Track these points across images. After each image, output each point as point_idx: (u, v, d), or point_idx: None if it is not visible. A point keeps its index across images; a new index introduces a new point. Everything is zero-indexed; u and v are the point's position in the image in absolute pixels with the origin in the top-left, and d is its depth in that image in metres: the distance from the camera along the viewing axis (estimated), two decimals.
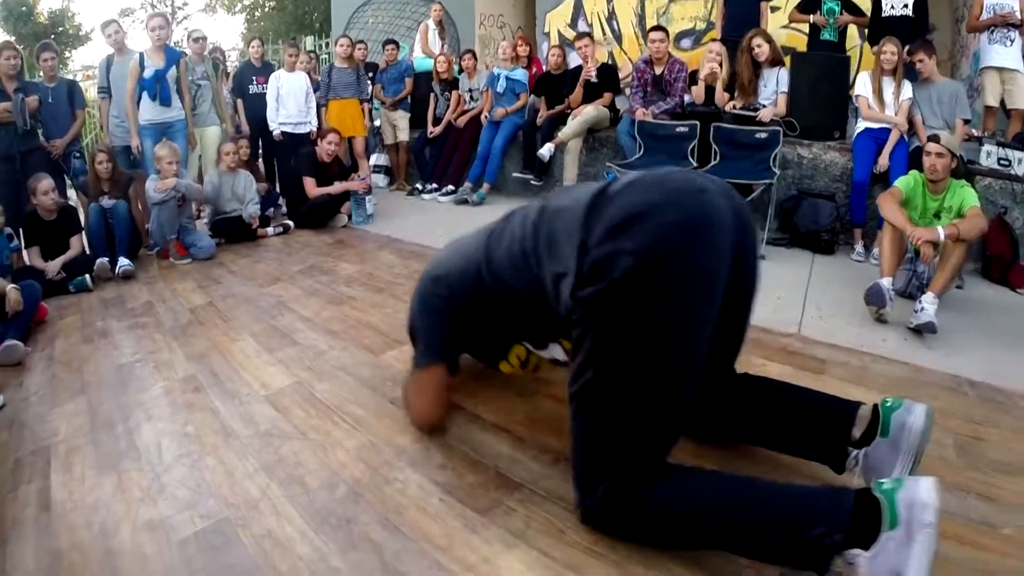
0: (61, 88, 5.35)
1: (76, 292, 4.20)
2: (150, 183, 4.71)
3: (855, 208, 4.47)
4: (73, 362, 3.04)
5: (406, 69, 7.23)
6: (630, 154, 5.39)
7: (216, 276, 4.27)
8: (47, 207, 4.36)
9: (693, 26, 8.15)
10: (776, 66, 5.11)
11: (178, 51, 5.37)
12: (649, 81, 5.54)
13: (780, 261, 4.14)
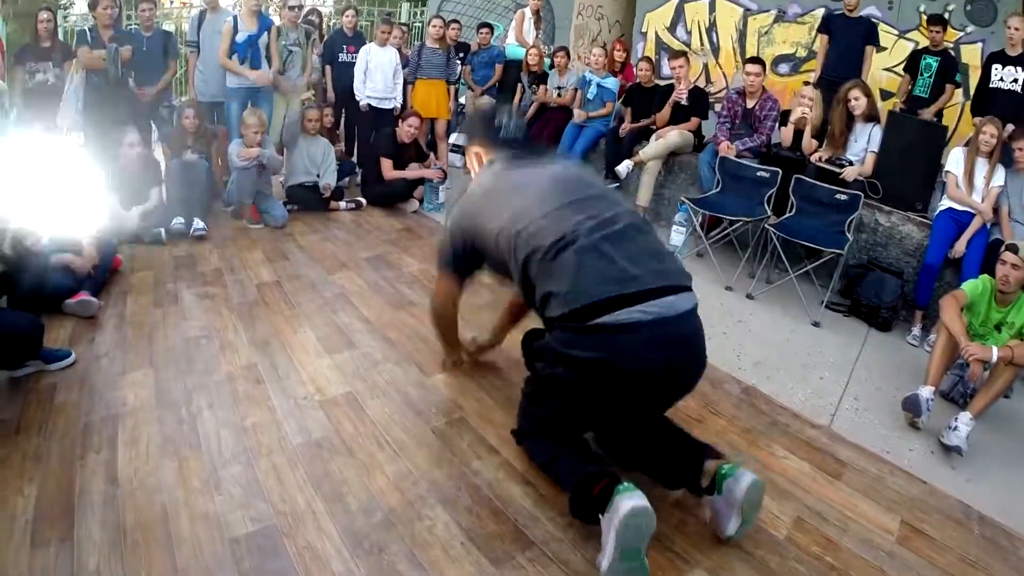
0: (156, 38, 5.72)
1: (150, 243, 4.56)
2: (234, 147, 5.04)
3: (921, 289, 4.47)
4: (144, 326, 3.38)
5: (497, 55, 7.45)
6: (707, 186, 5.50)
7: (285, 250, 4.59)
8: (131, 159, 4.71)
9: (794, 51, 8.21)
10: (871, 122, 5.09)
11: (270, 19, 5.69)
12: (739, 113, 5.59)
13: (834, 330, 4.24)
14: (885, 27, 7.39)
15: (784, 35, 8.25)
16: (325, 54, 6.77)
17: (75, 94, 5.18)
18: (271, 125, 5.69)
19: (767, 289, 4.68)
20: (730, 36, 8.69)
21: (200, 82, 5.89)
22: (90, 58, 5.16)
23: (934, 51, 6.12)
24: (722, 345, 3.73)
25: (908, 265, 4.77)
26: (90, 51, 5.16)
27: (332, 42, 6.84)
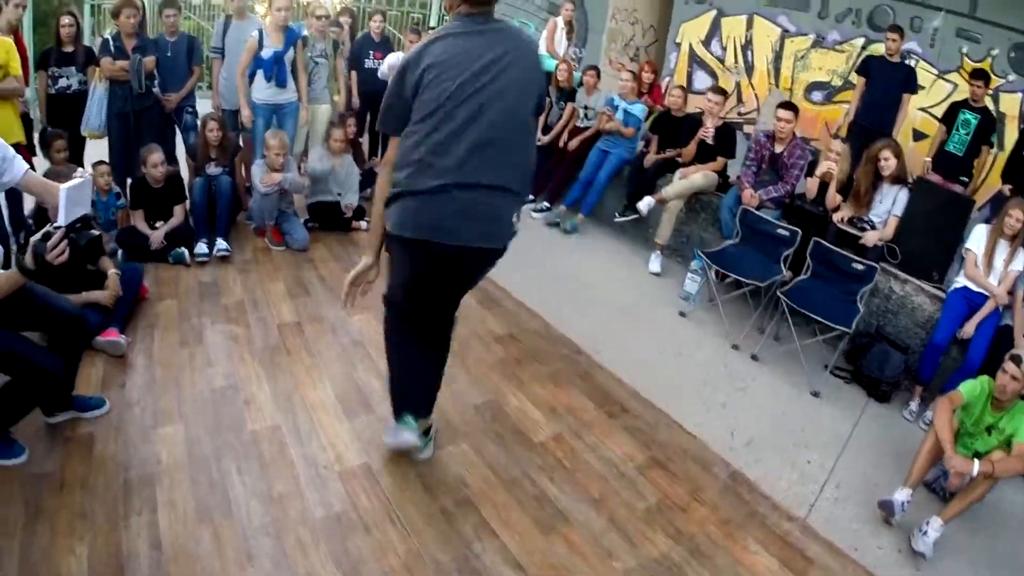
0: (181, 43, 6.01)
1: (174, 263, 4.97)
2: (257, 170, 5.39)
3: (925, 365, 4.67)
4: (172, 367, 3.77)
5: None
6: (727, 231, 5.81)
7: (306, 281, 5.00)
8: (156, 178, 5.07)
9: (829, 80, 8.40)
10: (898, 184, 5.24)
11: (297, 32, 5.89)
12: (766, 158, 5.80)
13: (833, 400, 4.56)
14: (924, 65, 7.54)
15: (821, 61, 8.43)
16: (351, 59, 7.03)
17: (99, 104, 5.51)
18: (295, 137, 6.00)
19: (773, 348, 4.99)
20: (765, 56, 8.87)
21: (224, 89, 6.20)
22: (113, 69, 5.44)
23: (974, 107, 6.24)
24: (719, 419, 4.07)
25: (916, 337, 5.00)
26: (113, 62, 5.44)
27: (359, 47, 7.12)
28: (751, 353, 4.89)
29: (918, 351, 4.89)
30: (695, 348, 4.88)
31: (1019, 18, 7.08)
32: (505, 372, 4.10)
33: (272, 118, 5.84)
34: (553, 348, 4.48)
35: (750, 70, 9.05)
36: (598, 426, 3.74)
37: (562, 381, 4.10)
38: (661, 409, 4.02)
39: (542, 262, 5.89)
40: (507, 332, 4.58)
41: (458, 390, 3.83)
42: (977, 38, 7.38)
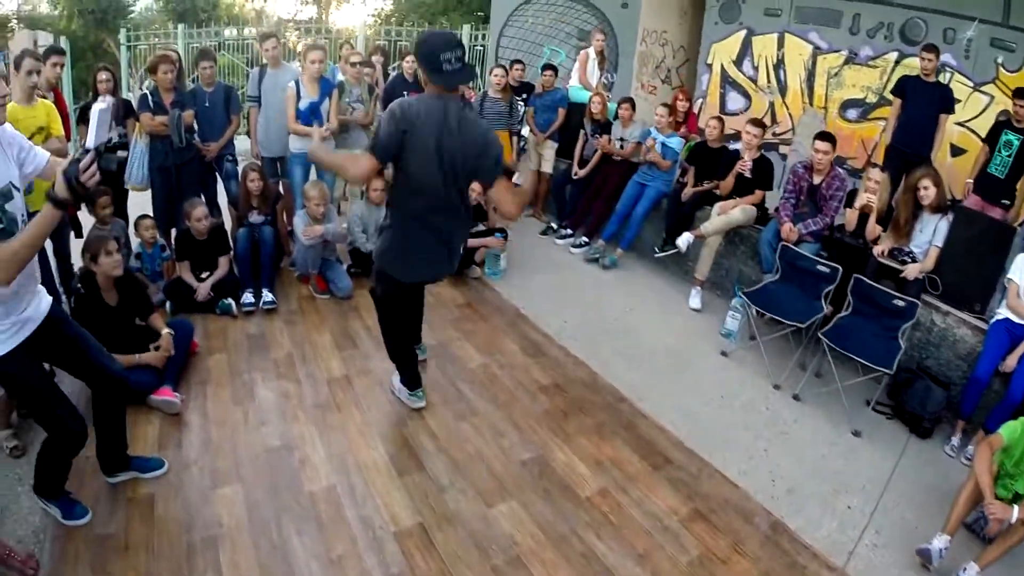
0: (218, 93, 6.23)
1: (221, 314, 5.25)
2: (299, 221, 5.61)
3: (966, 400, 4.70)
4: (226, 426, 4.00)
5: (560, 99, 7.90)
6: (767, 265, 5.92)
7: (352, 331, 5.23)
8: (200, 231, 5.32)
9: (864, 96, 8.41)
10: (938, 213, 5.25)
11: (332, 82, 6.14)
12: (804, 190, 5.87)
13: (873, 439, 4.62)
14: (959, 78, 7.55)
15: (854, 78, 8.45)
16: (385, 100, 7.19)
17: (141, 158, 5.79)
18: (334, 184, 6.23)
19: (815, 385, 5.06)
20: (798, 75, 8.90)
21: (262, 137, 6.45)
22: (152, 124, 5.70)
23: (1018, 127, 6.16)
24: (761, 465, 4.18)
25: (958, 369, 5.05)
26: (152, 117, 5.69)
27: (392, 88, 7.34)
28: (793, 393, 4.97)
29: (959, 384, 4.94)
30: (737, 391, 4.97)
31: None
32: (551, 425, 4.25)
33: (311, 166, 6.10)
34: (598, 398, 4.63)
35: (783, 89, 9.09)
36: (643, 479, 3.87)
37: (607, 433, 4.25)
38: (704, 459, 4.13)
39: (583, 300, 6.08)
40: (552, 382, 4.74)
41: (507, 446, 4.02)
42: (1012, 47, 7.36)
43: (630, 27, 10.26)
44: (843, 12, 8.43)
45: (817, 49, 8.72)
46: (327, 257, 5.84)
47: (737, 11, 9.35)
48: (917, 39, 7.81)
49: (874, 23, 8.21)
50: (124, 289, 4.23)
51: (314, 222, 5.57)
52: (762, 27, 9.14)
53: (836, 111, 8.67)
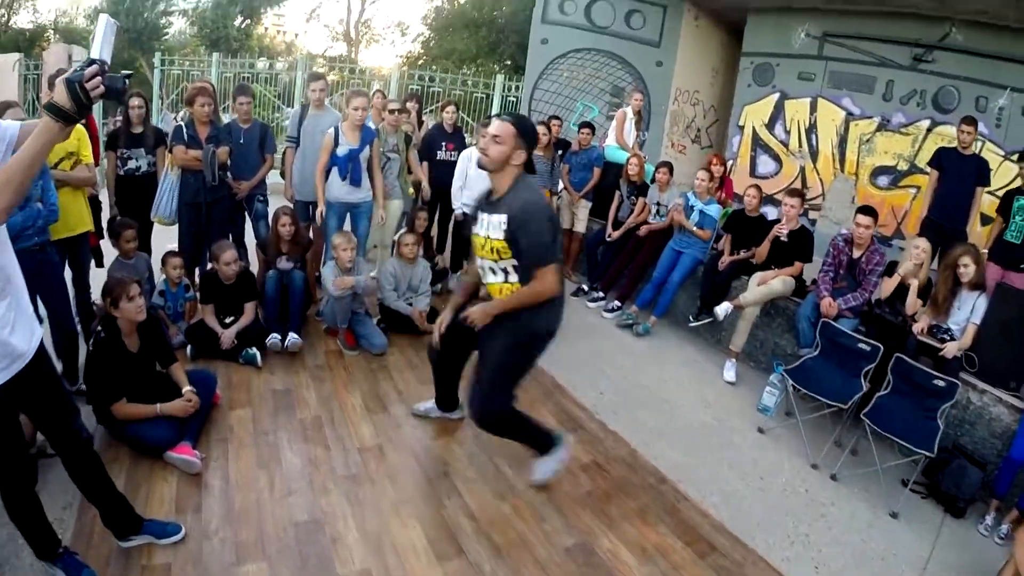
0: (254, 130, 6.02)
1: (245, 363, 4.96)
2: (328, 272, 5.37)
3: (1001, 480, 4.60)
4: (250, 491, 3.68)
5: (596, 157, 7.72)
6: (804, 340, 5.72)
7: (383, 394, 4.91)
8: (228, 276, 5.06)
9: (895, 164, 8.34)
10: (976, 290, 5.19)
11: (373, 132, 5.90)
12: (843, 263, 5.73)
13: (910, 520, 4.44)
14: (991, 147, 7.49)
15: (886, 145, 8.38)
16: (423, 151, 7.02)
17: (171, 191, 5.55)
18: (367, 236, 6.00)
19: (852, 464, 4.87)
20: (830, 140, 8.84)
21: (298, 180, 6.17)
22: (186, 158, 5.46)
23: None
24: (803, 551, 3.96)
25: (992, 448, 4.94)
26: (186, 151, 5.46)
27: (431, 139, 7.11)
28: (830, 473, 4.77)
29: (994, 462, 4.83)
30: (776, 471, 4.75)
31: None
32: (594, 508, 3.96)
33: (346, 216, 5.84)
34: (639, 479, 4.36)
35: (814, 154, 9.02)
36: (688, 569, 3.59)
37: (650, 517, 3.97)
38: (748, 545, 3.89)
39: (617, 369, 5.81)
40: (592, 460, 4.46)
41: (550, 531, 3.72)
42: None
43: (662, 85, 10.25)
44: (876, 78, 8.42)
45: (850, 115, 8.69)
46: (356, 310, 5.57)
47: (771, 74, 9.33)
48: (950, 107, 7.82)
49: (907, 90, 8.20)
50: (146, 334, 3.95)
51: (343, 273, 5.32)
52: (795, 91, 9.11)
53: (867, 177, 8.60)
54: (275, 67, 14.73)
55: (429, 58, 22.31)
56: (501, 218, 3.38)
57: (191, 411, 3.96)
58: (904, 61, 8.32)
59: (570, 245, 8.00)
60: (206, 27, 22.33)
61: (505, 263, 3.49)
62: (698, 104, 10.67)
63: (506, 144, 3.35)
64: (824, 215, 8.92)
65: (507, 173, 3.43)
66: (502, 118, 3.44)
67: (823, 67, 8.94)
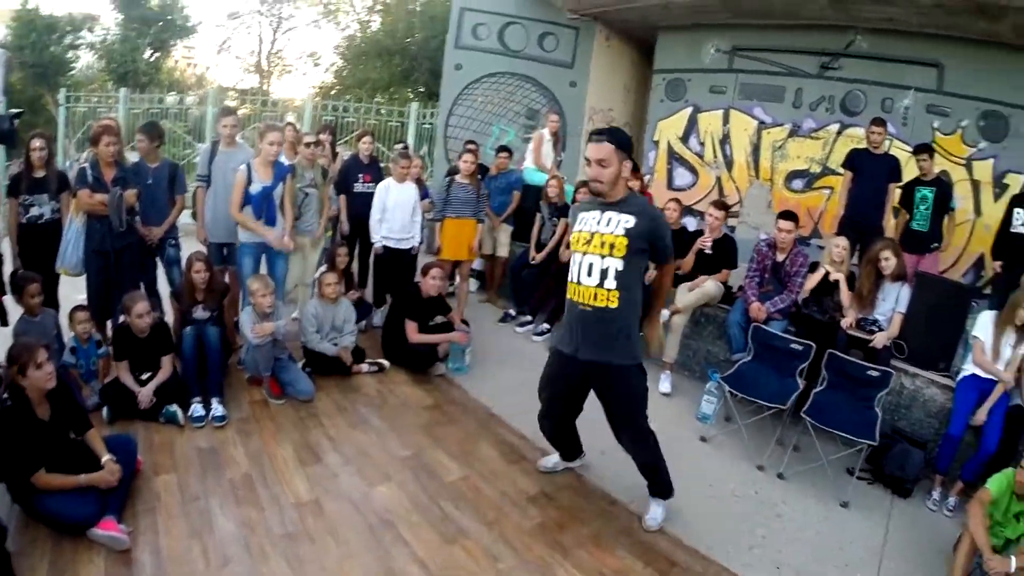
0: (163, 170, 5.63)
1: (166, 423, 4.60)
2: (246, 319, 5.06)
3: (942, 456, 4.77)
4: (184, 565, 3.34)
5: (515, 181, 7.62)
6: (737, 346, 5.74)
7: (315, 443, 4.60)
8: (141, 328, 4.71)
9: (808, 167, 8.54)
10: (899, 281, 5.37)
11: (287, 167, 5.63)
12: (768, 268, 5.80)
13: (861, 508, 4.52)
14: (899, 144, 7.71)
15: (798, 150, 8.57)
16: (339, 183, 6.78)
17: (76, 240, 5.15)
18: (287, 276, 5.75)
19: (796, 461, 4.94)
20: (744, 149, 8.99)
21: (210, 221, 5.80)
22: (91, 203, 5.05)
23: (926, 181, 6.44)
24: (763, 554, 3.93)
25: (930, 427, 5.13)
26: (91, 195, 5.04)
27: (347, 171, 6.87)
28: (777, 472, 4.81)
29: (934, 440, 5.02)
30: (724, 477, 4.72)
31: (985, 88, 7.47)
32: (547, 540, 3.79)
33: (261, 257, 5.54)
34: (589, 504, 4.22)
35: (729, 163, 9.18)
36: None
37: (605, 541, 3.83)
38: (707, 556, 3.82)
39: None
40: (539, 490, 4.29)
41: (504, 569, 3.53)
42: (947, 112, 7.76)
43: (577, 106, 10.31)
44: (786, 87, 8.64)
45: (762, 124, 8.89)
46: (279, 356, 5.26)
47: (683, 89, 9.49)
48: (857, 110, 8.07)
49: (816, 97, 8.43)
50: (57, 401, 3.63)
51: (262, 318, 5.04)
52: (708, 104, 9.29)
53: (782, 183, 8.79)
54: (185, 101, 14.20)
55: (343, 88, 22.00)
56: (627, 218, 3.43)
57: (113, 482, 3.62)
58: (812, 69, 8.54)
59: (494, 271, 7.89)
60: (114, 61, 21.49)
61: (612, 261, 3.47)
62: (612, 122, 10.73)
63: (613, 164, 3.38)
64: (743, 221, 9.08)
65: (620, 184, 3.47)
66: (597, 139, 3.42)
67: (734, 80, 9.12)
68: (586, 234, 3.54)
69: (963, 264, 7.76)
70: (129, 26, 22.42)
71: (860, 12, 7.76)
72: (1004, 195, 7.38)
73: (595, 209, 3.56)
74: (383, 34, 21.72)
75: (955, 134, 7.73)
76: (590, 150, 3.42)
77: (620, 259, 3.44)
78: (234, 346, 5.60)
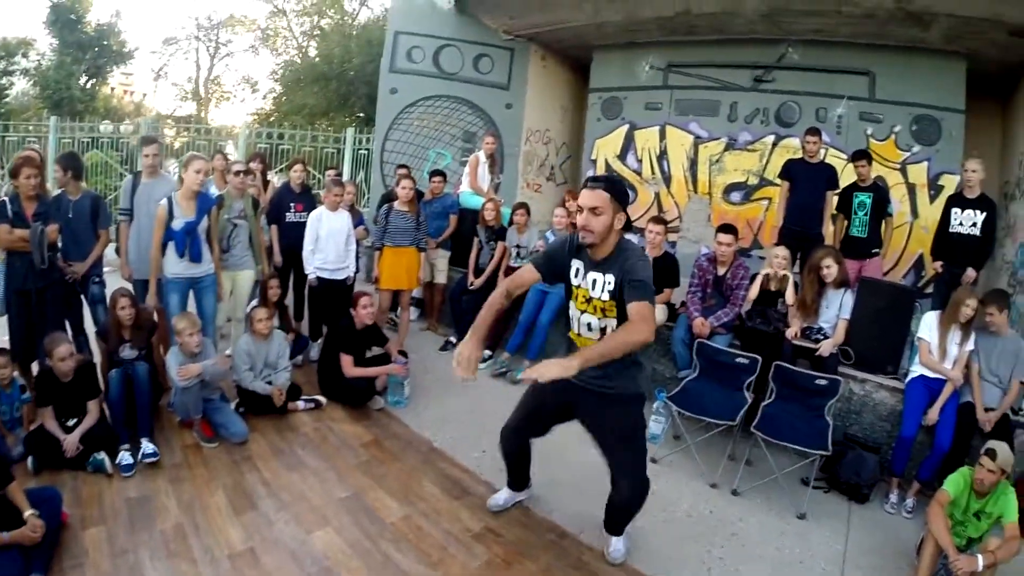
0: (84, 203, 5.37)
1: (94, 472, 4.35)
2: (172, 360, 4.83)
3: (896, 459, 4.81)
4: None
5: (451, 205, 7.49)
6: (682, 363, 5.71)
7: (249, 489, 4.37)
8: (64, 372, 4.47)
9: (745, 180, 8.65)
10: (842, 287, 5.41)
11: (212, 199, 5.42)
12: (709, 282, 5.77)
13: (818, 518, 4.50)
14: (834, 152, 7.82)
15: (735, 163, 8.67)
16: (271, 213, 6.59)
17: None
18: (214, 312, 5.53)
19: (750, 475, 4.90)
20: (681, 164, 9.08)
21: (134, 257, 5.58)
22: (11, 239, 4.83)
23: (864, 187, 6.46)
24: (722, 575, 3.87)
25: (882, 431, 5.17)
26: (10, 230, 4.82)
27: (279, 200, 6.70)
28: (731, 489, 4.75)
29: (886, 443, 5.06)
30: (677, 498, 4.63)
31: (915, 93, 7.69)
32: None
33: (188, 294, 5.30)
34: (537, 538, 4.06)
35: (667, 179, 9.26)
36: None
37: None
38: None
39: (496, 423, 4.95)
40: (485, 526, 4.12)
41: None
42: (879, 119, 7.94)
43: (514, 127, 10.28)
44: (721, 101, 8.77)
45: (698, 138, 9.00)
46: (210, 397, 5.03)
47: (619, 107, 9.57)
48: (792, 121, 8.20)
49: (750, 109, 8.56)
50: None
51: (189, 359, 4.82)
52: (644, 121, 9.39)
53: (720, 196, 8.88)
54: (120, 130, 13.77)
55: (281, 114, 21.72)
56: (609, 279, 3.27)
57: (36, 539, 3.41)
58: (745, 83, 8.67)
59: (432, 298, 7.73)
60: (49, 88, 20.93)
61: (608, 321, 3.35)
62: (550, 142, 10.75)
63: (607, 213, 3.17)
64: (683, 236, 9.14)
65: (612, 238, 3.26)
66: (592, 186, 3.21)
67: (669, 96, 9.20)
68: (584, 291, 3.40)
69: (903, 265, 7.92)
70: (64, 51, 22.01)
71: (790, 25, 7.90)
72: (940, 196, 7.55)
73: (582, 262, 3.39)
74: (320, 59, 21.54)
75: (889, 139, 7.91)
76: (583, 196, 3.20)
77: (614, 319, 3.32)
78: (165, 386, 5.33)
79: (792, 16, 7.61)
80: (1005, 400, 4.70)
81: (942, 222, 6.11)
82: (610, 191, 3.17)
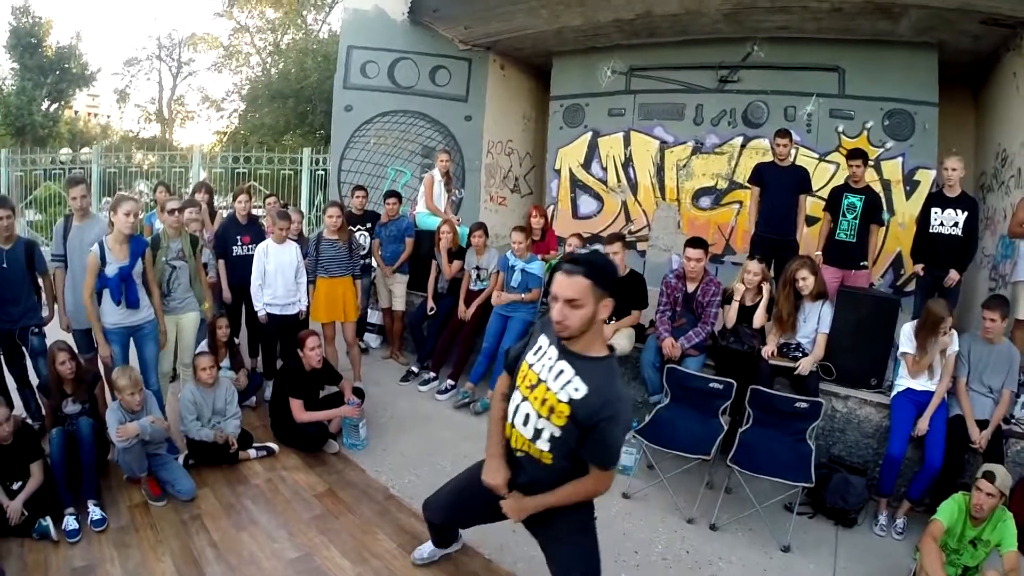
0: (18, 250, 5.17)
1: (39, 539, 4.17)
2: (111, 417, 4.63)
3: (884, 479, 4.69)
4: None
5: (407, 228, 7.33)
6: (653, 388, 5.54)
7: (198, 551, 4.18)
8: (2, 437, 4.31)
9: (715, 184, 8.59)
10: (819, 300, 5.26)
11: (144, 242, 5.18)
12: (679, 300, 5.58)
13: (804, 548, 4.36)
14: (804, 151, 7.77)
15: (704, 167, 8.62)
16: (217, 246, 6.44)
17: None
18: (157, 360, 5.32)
19: (728, 505, 4.72)
20: (647, 171, 9.03)
21: (72, 306, 5.40)
22: None
23: (856, 188, 6.22)
24: None
25: (868, 448, 5.04)
26: None
27: (224, 233, 6.55)
28: (709, 523, 4.58)
29: (873, 460, 4.94)
30: (651, 539, 4.44)
31: (887, 88, 7.65)
32: None
33: (128, 342, 5.10)
34: None
35: (634, 186, 9.20)
36: None
37: None
38: None
39: (457, 459, 5.09)
40: None
41: None
42: (850, 115, 7.91)
43: (474, 139, 10.21)
44: (686, 104, 8.74)
45: (664, 143, 8.94)
46: (156, 452, 4.84)
47: (581, 114, 9.52)
48: (760, 121, 8.16)
49: (717, 111, 8.53)
50: None
51: (130, 415, 4.64)
52: (607, 128, 9.35)
53: (689, 201, 8.83)
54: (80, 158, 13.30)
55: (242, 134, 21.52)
56: (579, 383, 2.66)
57: None
58: (711, 84, 8.64)
59: (392, 325, 7.55)
60: (10, 114, 20.60)
61: (550, 427, 2.75)
62: (513, 153, 10.66)
63: (587, 306, 2.59)
64: (652, 244, 9.08)
65: (592, 334, 2.69)
66: (568, 269, 2.62)
67: (632, 101, 9.17)
68: (533, 376, 2.81)
69: (882, 263, 7.88)
70: (26, 76, 21.75)
71: (755, 23, 7.87)
72: (916, 192, 7.57)
73: (552, 340, 2.82)
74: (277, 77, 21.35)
75: (861, 136, 7.89)
76: (558, 283, 2.61)
77: (558, 427, 2.72)
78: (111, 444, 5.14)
79: (757, 13, 7.58)
80: (997, 412, 4.61)
81: (922, 222, 5.97)
82: (591, 276, 2.58)
